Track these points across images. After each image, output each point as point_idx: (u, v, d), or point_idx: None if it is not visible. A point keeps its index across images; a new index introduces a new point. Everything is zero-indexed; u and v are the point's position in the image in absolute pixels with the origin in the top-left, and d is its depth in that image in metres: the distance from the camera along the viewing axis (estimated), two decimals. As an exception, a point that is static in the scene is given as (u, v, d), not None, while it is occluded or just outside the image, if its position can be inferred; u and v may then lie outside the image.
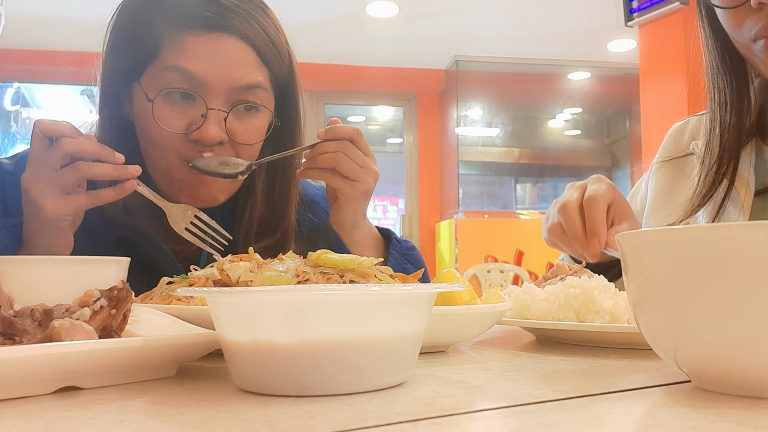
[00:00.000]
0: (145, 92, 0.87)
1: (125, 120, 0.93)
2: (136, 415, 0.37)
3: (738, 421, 0.33)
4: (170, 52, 0.86)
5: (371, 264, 0.63)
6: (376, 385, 0.42)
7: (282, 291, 0.44)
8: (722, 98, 0.95)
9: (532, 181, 6.11)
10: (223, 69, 0.86)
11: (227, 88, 0.87)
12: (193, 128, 0.87)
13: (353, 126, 0.91)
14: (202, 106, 0.86)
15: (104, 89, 0.93)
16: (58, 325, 0.43)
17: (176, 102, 0.87)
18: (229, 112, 0.88)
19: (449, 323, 0.58)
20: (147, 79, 0.88)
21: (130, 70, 0.90)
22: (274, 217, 1.00)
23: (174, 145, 0.88)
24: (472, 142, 5.57)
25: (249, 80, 0.88)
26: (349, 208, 0.94)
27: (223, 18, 0.86)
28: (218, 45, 0.86)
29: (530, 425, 0.34)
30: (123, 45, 0.91)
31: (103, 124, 0.93)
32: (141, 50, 0.88)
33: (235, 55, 0.87)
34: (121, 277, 0.67)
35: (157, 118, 0.86)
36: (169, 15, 0.87)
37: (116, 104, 0.93)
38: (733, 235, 0.36)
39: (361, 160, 0.91)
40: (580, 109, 5.89)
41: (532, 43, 4.84)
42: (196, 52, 0.85)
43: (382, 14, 4.31)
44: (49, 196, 0.76)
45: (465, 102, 5.40)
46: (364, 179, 0.91)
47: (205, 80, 0.86)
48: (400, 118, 5.76)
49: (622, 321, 0.62)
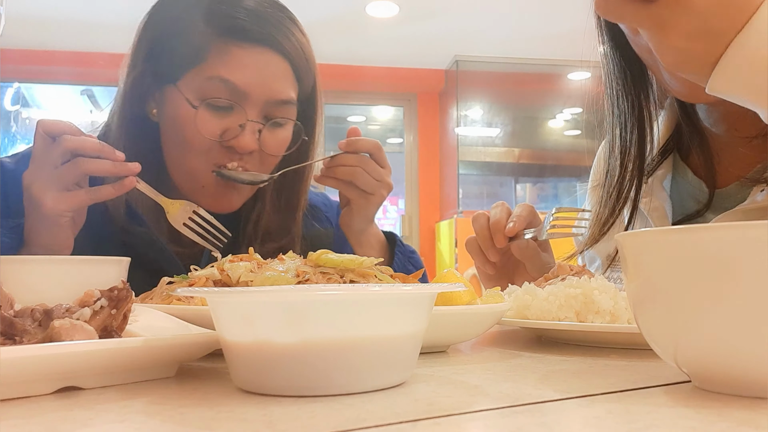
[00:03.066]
0: (185, 97, 0.89)
1: (147, 119, 0.94)
2: (136, 415, 0.37)
3: (738, 421, 0.33)
4: (216, 62, 0.88)
5: (371, 264, 0.63)
6: (376, 385, 0.42)
7: (282, 291, 0.44)
8: (621, 115, 0.88)
9: (532, 181, 6.11)
10: (264, 83, 0.90)
11: (264, 101, 0.91)
12: (228, 136, 0.90)
13: (373, 140, 0.95)
14: (242, 116, 0.89)
15: (130, 88, 0.94)
16: (58, 325, 0.43)
17: (215, 110, 0.89)
18: (265, 125, 0.91)
19: (449, 323, 0.58)
20: (187, 84, 0.90)
21: (165, 72, 0.91)
22: (281, 222, 1.02)
23: (207, 151, 0.90)
24: (472, 142, 5.56)
25: (285, 96, 0.92)
26: (360, 215, 0.98)
27: (267, 33, 0.90)
28: (262, 59, 0.90)
29: (530, 425, 0.34)
30: (160, 47, 0.92)
31: (121, 122, 0.94)
32: (182, 54, 0.90)
33: (275, 70, 0.91)
34: (121, 277, 0.67)
35: (198, 122, 0.88)
36: (217, 25, 0.89)
37: (141, 103, 0.94)
38: (733, 235, 0.36)
39: (377, 173, 0.94)
40: (580, 109, 5.88)
41: (532, 43, 4.84)
42: (241, 64, 0.88)
43: (382, 14, 4.31)
44: (48, 192, 0.77)
45: (465, 102, 5.40)
46: (378, 192, 0.96)
47: (247, 92, 0.89)
48: (400, 118, 5.76)
49: (622, 321, 0.62)
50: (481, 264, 0.96)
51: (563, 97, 5.73)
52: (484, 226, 0.93)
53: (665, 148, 0.94)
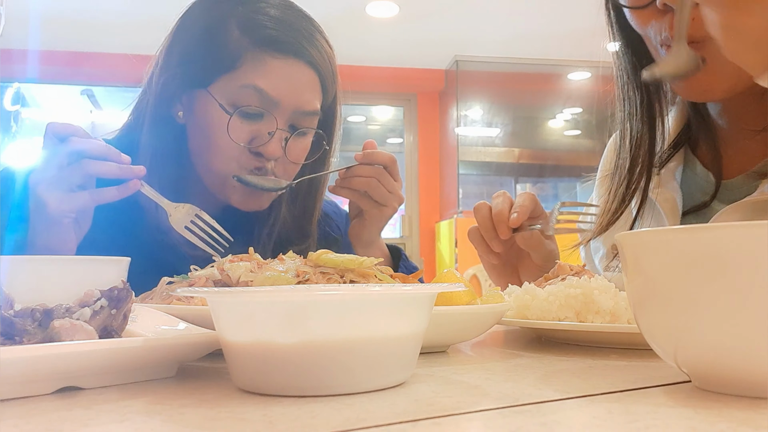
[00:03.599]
0: (219, 102, 0.91)
1: (173, 120, 0.96)
2: (136, 415, 0.37)
3: (738, 421, 0.33)
4: (250, 70, 0.91)
5: (371, 264, 0.63)
6: (376, 385, 0.42)
7: (282, 291, 0.44)
8: (632, 108, 0.90)
9: (532, 181, 6.11)
10: (294, 93, 0.93)
11: (293, 110, 0.94)
12: (257, 143, 0.93)
13: (389, 153, 0.97)
14: (272, 124, 0.92)
15: (160, 90, 0.95)
16: (58, 325, 0.43)
17: (246, 116, 0.92)
18: (292, 135, 0.95)
19: (449, 323, 0.58)
20: (219, 89, 0.92)
21: (196, 76, 0.93)
22: (298, 227, 1.04)
23: (236, 155, 0.93)
24: (472, 142, 5.56)
25: (312, 106, 0.96)
26: (372, 226, 1.01)
27: (299, 44, 0.92)
28: (294, 70, 0.93)
29: (530, 425, 0.34)
30: (194, 51, 0.94)
31: (151, 123, 0.95)
32: (216, 60, 0.92)
33: (305, 82, 0.94)
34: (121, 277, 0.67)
35: (230, 129, 0.91)
36: (252, 33, 0.91)
37: (168, 105, 0.96)
38: (733, 235, 0.36)
39: (391, 186, 0.97)
40: (580, 109, 5.89)
41: (532, 43, 4.84)
42: (274, 74, 0.91)
43: (382, 14, 4.31)
44: (53, 192, 0.78)
45: (465, 102, 5.40)
46: (391, 204, 0.98)
47: (278, 101, 0.92)
48: (400, 118, 5.75)
49: (622, 321, 0.62)
50: (485, 254, 0.96)
51: (563, 97, 5.73)
52: (486, 216, 0.93)
53: (677, 141, 0.95)
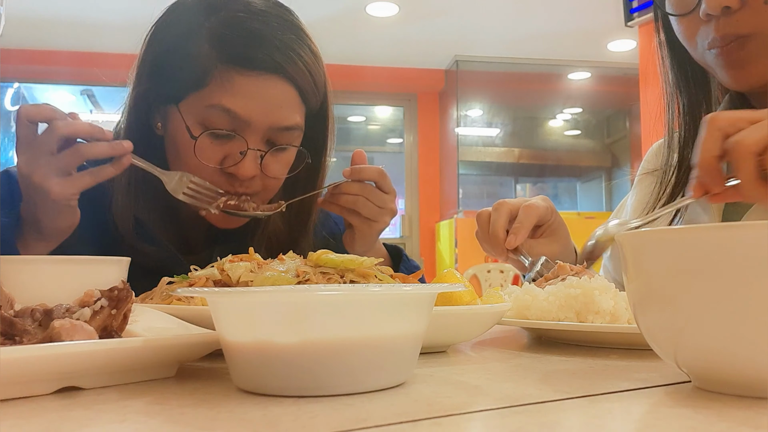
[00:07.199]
0: (186, 124, 0.87)
1: (152, 131, 0.93)
2: (136, 415, 0.37)
3: (738, 421, 0.33)
4: (217, 89, 0.86)
5: (371, 264, 0.63)
6: (376, 385, 0.42)
7: (282, 291, 0.44)
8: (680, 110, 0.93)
9: (532, 181, 6.11)
10: (267, 110, 0.87)
11: (267, 128, 0.88)
12: (229, 163, 0.88)
13: (377, 167, 0.92)
14: (242, 144, 0.87)
15: (135, 102, 0.93)
16: (58, 325, 0.43)
17: (216, 138, 0.87)
18: (267, 152, 0.89)
19: (449, 323, 0.58)
20: (188, 108, 0.88)
21: (167, 91, 0.90)
22: (291, 235, 1.01)
23: (207, 176, 0.89)
24: (472, 142, 5.57)
25: (289, 122, 0.90)
26: (363, 240, 0.96)
27: (273, 59, 0.86)
28: (265, 87, 0.87)
29: (530, 425, 0.34)
30: (163, 65, 0.90)
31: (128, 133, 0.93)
32: (185, 76, 0.87)
33: (280, 98, 0.88)
34: (121, 277, 0.67)
35: (197, 151, 0.87)
36: (221, 49, 0.86)
37: (146, 116, 0.93)
38: (733, 235, 0.36)
39: (381, 201, 0.92)
40: (580, 109, 5.89)
41: (532, 43, 4.84)
42: (243, 92, 0.86)
43: (382, 14, 4.31)
44: (52, 179, 0.77)
45: (465, 102, 5.40)
46: (381, 219, 0.94)
47: (249, 120, 0.87)
48: (400, 118, 5.76)
49: (622, 321, 0.62)
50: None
51: (563, 97, 5.73)
52: (484, 230, 0.94)
53: None
